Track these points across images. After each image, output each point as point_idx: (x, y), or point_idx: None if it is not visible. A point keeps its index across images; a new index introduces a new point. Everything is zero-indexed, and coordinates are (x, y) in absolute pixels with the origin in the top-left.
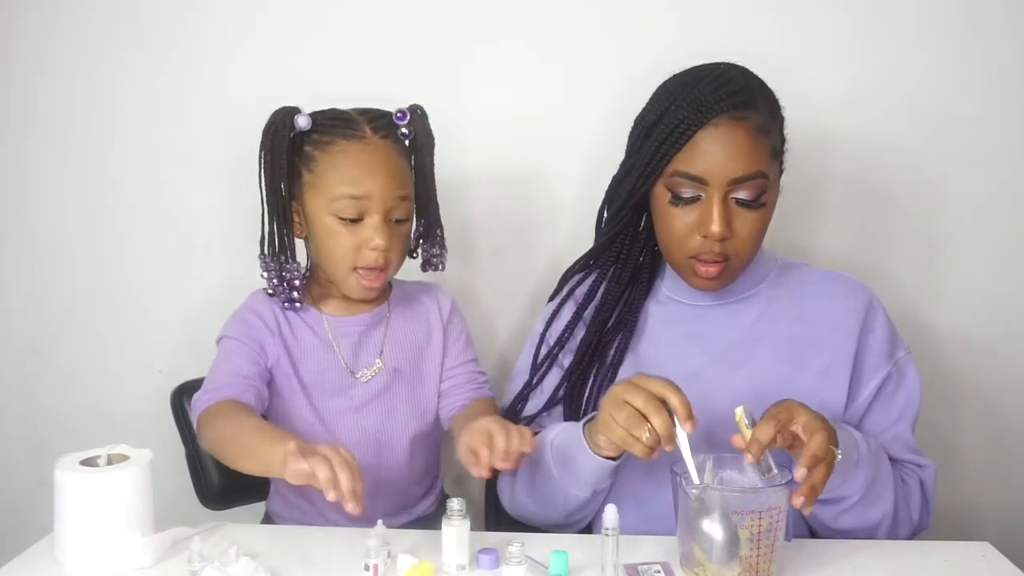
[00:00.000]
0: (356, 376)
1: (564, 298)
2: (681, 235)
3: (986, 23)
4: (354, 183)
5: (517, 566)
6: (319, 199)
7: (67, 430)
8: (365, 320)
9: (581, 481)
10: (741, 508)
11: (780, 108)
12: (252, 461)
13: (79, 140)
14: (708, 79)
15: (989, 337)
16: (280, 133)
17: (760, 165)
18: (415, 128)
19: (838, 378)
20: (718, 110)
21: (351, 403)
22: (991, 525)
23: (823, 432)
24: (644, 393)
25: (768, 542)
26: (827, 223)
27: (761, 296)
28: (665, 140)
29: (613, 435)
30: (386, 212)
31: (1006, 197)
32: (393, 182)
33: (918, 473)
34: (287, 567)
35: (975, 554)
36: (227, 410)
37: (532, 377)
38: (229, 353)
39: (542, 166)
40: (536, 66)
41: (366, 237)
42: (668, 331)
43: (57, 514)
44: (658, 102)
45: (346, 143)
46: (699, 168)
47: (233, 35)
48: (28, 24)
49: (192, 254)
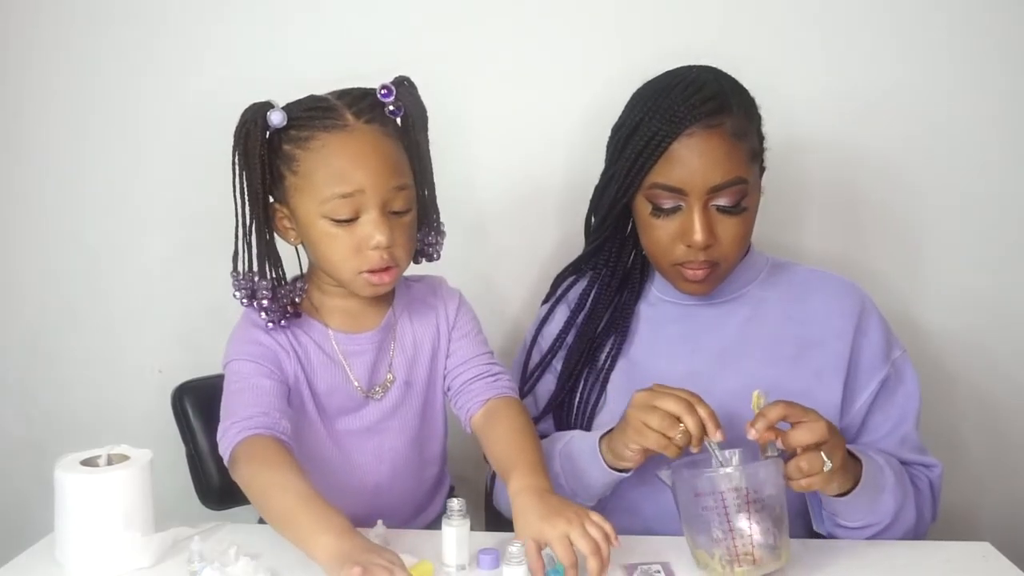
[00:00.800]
0: (368, 395)
1: (556, 301)
2: (665, 245)
3: (961, 25)
4: (343, 180)
5: (517, 566)
6: (308, 202)
7: (67, 430)
8: (374, 338)
9: (590, 492)
10: (707, 490)
11: (756, 108)
12: (291, 534)
13: (79, 140)
14: (679, 87)
15: (977, 332)
16: (253, 133)
17: (738, 170)
18: (404, 103)
19: (831, 381)
20: (691, 119)
21: (363, 423)
22: (991, 525)
23: (830, 427)
24: (673, 397)
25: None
26: (806, 224)
27: (752, 296)
28: (641, 152)
29: (646, 440)
30: (383, 205)
31: (982, 196)
32: (387, 171)
33: (927, 474)
34: (287, 567)
35: (975, 554)
36: (267, 455)
37: (523, 385)
38: (246, 377)
39: (543, 170)
40: (540, 65)
41: (365, 235)
42: (659, 333)
43: (57, 514)
44: (632, 112)
45: (327, 136)
46: (677, 179)
47: (228, 35)
48: (41, 25)
49: (192, 254)
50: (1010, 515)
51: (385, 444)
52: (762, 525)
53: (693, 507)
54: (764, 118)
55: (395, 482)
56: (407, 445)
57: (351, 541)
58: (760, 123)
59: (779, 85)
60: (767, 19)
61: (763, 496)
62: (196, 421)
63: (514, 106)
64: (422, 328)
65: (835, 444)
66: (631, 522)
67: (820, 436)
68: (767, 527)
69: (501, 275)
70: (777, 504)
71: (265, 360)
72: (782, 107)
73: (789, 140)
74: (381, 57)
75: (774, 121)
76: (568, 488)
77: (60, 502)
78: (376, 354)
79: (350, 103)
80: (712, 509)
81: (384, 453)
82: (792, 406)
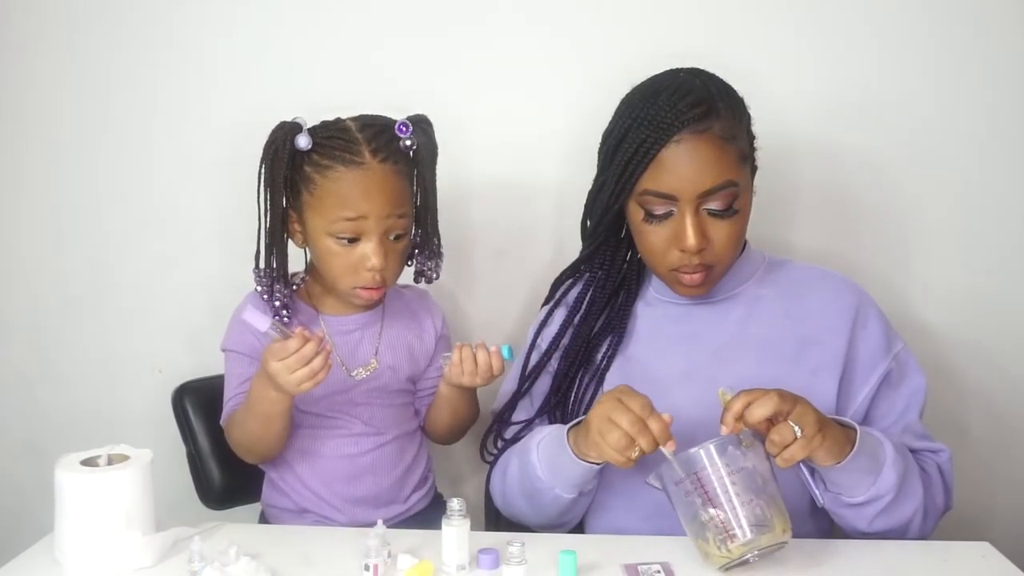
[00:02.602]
0: (352, 374)
1: (555, 303)
2: (659, 250)
3: (950, 27)
4: (351, 207)
5: (517, 566)
6: (318, 220)
7: (67, 430)
8: (361, 320)
9: (568, 483)
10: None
11: (745, 108)
12: (263, 414)
13: (78, 140)
14: (666, 93)
15: (969, 328)
16: (280, 152)
17: (728, 173)
18: (417, 141)
19: (827, 378)
20: (679, 125)
21: (347, 399)
22: (991, 525)
23: (780, 395)
24: (630, 415)
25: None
26: (799, 222)
27: (748, 294)
28: (631, 160)
29: (604, 455)
30: (383, 232)
31: (971, 195)
32: (390, 204)
33: (934, 459)
34: (287, 567)
35: (975, 554)
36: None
37: (522, 385)
38: (234, 366)
39: (541, 172)
40: (534, 73)
41: (363, 257)
42: (657, 332)
43: (57, 514)
44: (621, 120)
45: (344, 170)
46: (667, 185)
47: (229, 35)
48: (25, 23)
49: (192, 254)
50: (1010, 515)
51: (366, 418)
52: (742, 497)
53: (679, 496)
54: (755, 117)
55: (377, 457)
56: (387, 423)
57: None
58: (750, 123)
59: (769, 84)
60: (757, 19)
61: (739, 468)
62: (196, 421)
63: (507, 109)
64: (408, 328)
65: (802, 412)
66: (631, 521)
67: (773, 406)
68: (749, 499)
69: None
70: (758, 476)
71: (249, 350)
72: (773, 106)
73: (777, 142)
74: (375, 59)
75: (765, 120)
76: (546, 479)
77: (60, 502)
78: (361, 335)
79: (370, 138)
80: (693, 492)
81: (367, 428)
82: (750, 392)
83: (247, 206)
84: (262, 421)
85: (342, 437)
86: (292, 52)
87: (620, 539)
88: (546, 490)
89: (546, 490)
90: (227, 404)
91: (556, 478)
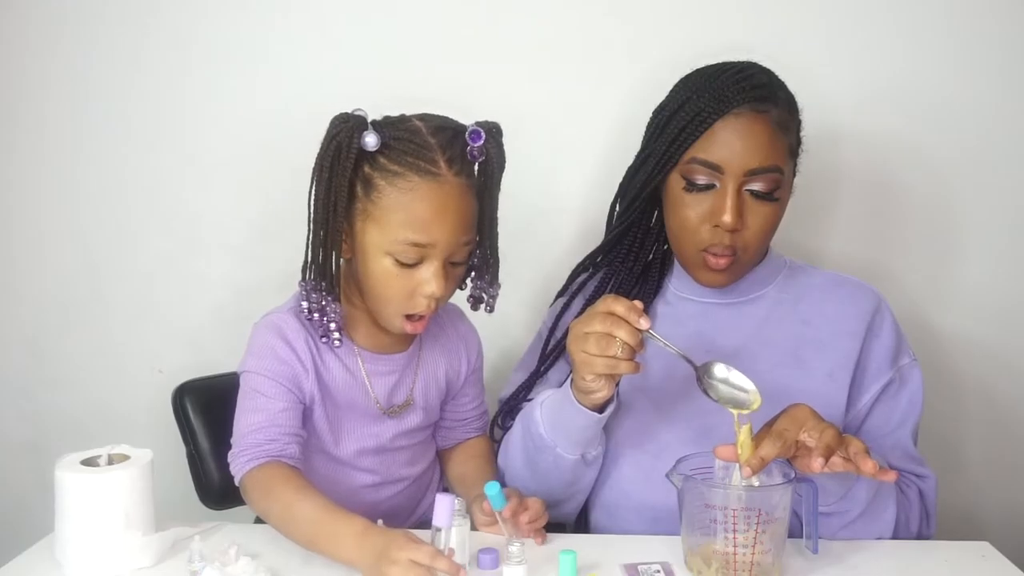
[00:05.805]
0: (387, 412)
1: (573, 294)
2: (693, 224)
3: (1002, 16)
4: (421, 230)
5: (517, 566)
6: (378, 234)
7: (67, 430)
8: (400, 361)
9: (569, 440)
10: (719, 503)
11: (798, 110)
12: (321, 547)
13: (79, 141)
14: (730, 72)
15: (997, 342)
16: (345, 151)
17: (777, 159)
18: (488, 151)
19: (841, 381)
20: (739, 100)
21: (377, 441)
22: (991, 525)
23: (833, 428)
24: (598, 316)
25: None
26: (837, 224)
27: (768, 298)
28: (684, 128)
29: (595, 367)
30: (447, 258)
31: (1021, 198)
32: (462, 227)
33: (917, 484)
34: (287, 567)
35: (975, 554)
36: (273, 484)
37: (540, 366)
38: (260, 395)
39: (550, 166)
40: (545, 67)
41: (422, 282)
42: (674, 331)
43: (57, 514)
44: (679, 93)
45: (419, 180)
46: (716, 156)
47: (238, 34)
48: (38, 23)
49: (193, 254)
50: (1010, 515)
51: (394, 459)
52: (765, 545)
53: (701, 516)
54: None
55: (399, 489)
56: (412, 456)
57: (382, 536)
58: (800, 126)
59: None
60: (797, 16)
61: (773, 518)
62: (196, 421)
63: (527, 117)
64: (445, 361)
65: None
66: (632, 519)
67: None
68: (769, 547)
69: None
70: (782, 526)
71: (282, 378)
72: (815, 106)
73: (820, 139)
74: (376, 59)
75: (807, 120)
76: (548, 438)
77: (60, 502)
78: (400, 376)
79: (444, 146)
80: (721, 523)
81: (393, 468)
82: (784, 439)
83: (250, 206)
84: (302, 543)
85: (362, 487)
86: (296, 50)
87: (620, 539)
88: (547, 449)
89: (547, 449)
90: (250, 449)
91: (558, 435)
